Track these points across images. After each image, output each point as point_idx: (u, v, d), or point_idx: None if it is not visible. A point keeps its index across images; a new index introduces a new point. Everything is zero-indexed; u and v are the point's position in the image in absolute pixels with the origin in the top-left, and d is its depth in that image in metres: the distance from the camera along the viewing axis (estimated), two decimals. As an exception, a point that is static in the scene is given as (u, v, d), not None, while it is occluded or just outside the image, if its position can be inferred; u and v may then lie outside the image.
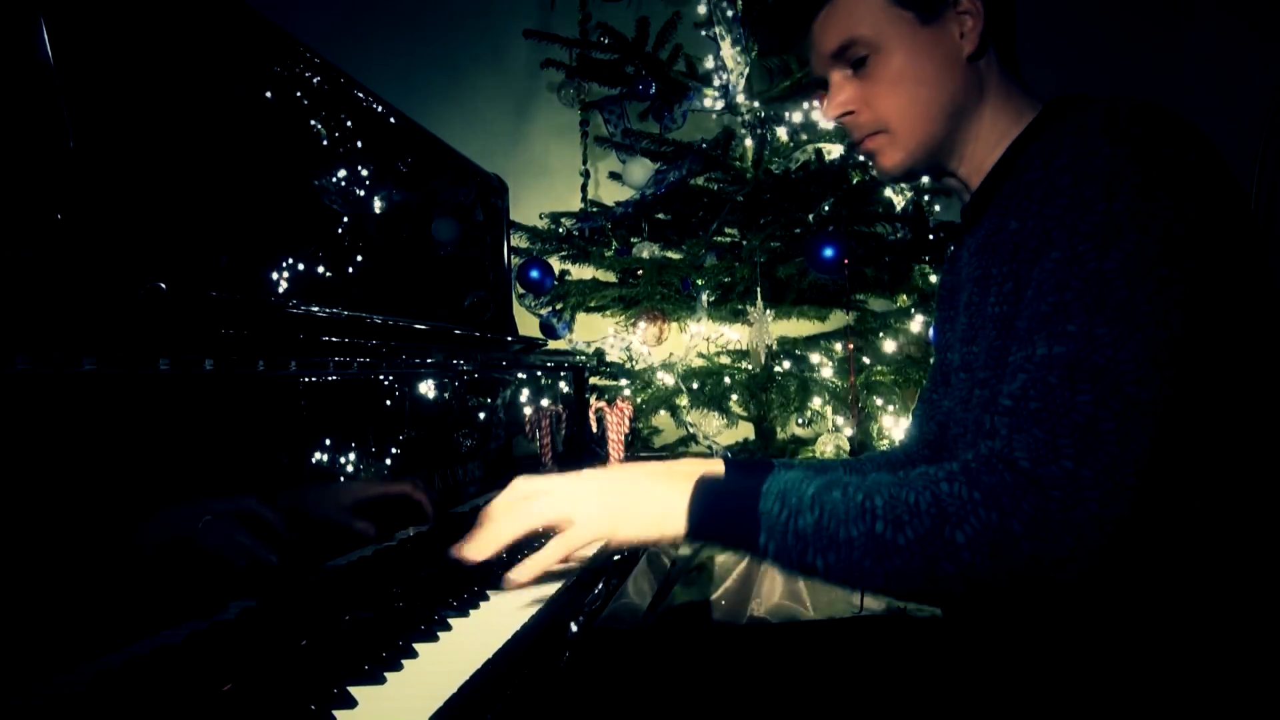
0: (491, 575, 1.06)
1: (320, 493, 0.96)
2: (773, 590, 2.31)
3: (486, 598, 0.99)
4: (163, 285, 0.72)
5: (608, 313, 2.67)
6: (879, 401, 2.36)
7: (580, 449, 1.91)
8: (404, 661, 0.78)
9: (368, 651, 0.78)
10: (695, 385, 2.40)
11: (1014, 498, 0.76)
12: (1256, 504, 0.86)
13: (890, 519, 0.79)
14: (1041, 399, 0.78)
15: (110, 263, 0.80)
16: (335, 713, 0.68)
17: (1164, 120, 0.83)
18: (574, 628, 1.00)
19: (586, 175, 3.00)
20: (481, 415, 1.43)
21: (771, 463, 1.27)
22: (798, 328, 2.75)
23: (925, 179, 1.25)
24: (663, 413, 2.51)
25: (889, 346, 2.50)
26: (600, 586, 1.17)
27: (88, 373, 0.67)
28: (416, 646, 0.81)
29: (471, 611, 0.94)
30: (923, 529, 0.77)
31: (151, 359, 0.73)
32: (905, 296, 2.54)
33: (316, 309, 1.10)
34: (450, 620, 0.90)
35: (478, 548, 0.94)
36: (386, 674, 0.75)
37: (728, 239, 2.61)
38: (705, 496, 0.90)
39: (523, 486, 0.97)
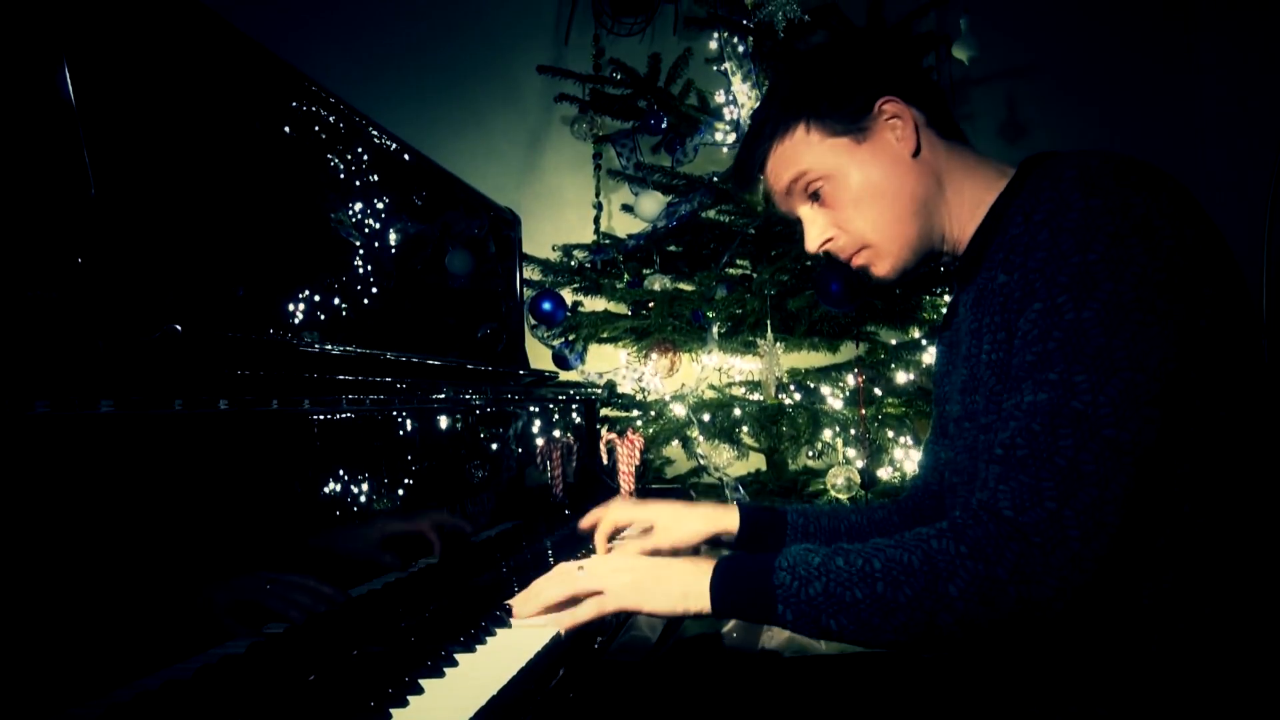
0: (498, 611, 1.07)
1: (332, 528, 0.98)
2: (784, 623, 2.30)
3: (494, 633, 1.00)
4: (178, 327, 0.74)
5: (620, 344, 2.68)
6: (890, 433, 2.36)
7: (591, 480, 1.92)
8: (410, 698, 0.79)
9: (375, 688, 0.79)
10: (706, 417, 2.41)
11: (998, 547, 0.81)
12: (1250, 527, 0.88)
13: (889, 580, 0.84)
14: (1028, 445, 0.83)
15: (129, 304, 0.82)
16: (341, 750, 0.69)
17: (1134, 170, 0.87)
18: (582, 662, 1.01)
19: (599, 208, 3.03)
20: (493, 448, 1.44)
21: (783, 510, 1.29)
22: (808, 359, 2.75)
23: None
24: (674, 444, 2.51)
25: (900, 378, 2.51)
26: (610, 619, 1.17)
27: (105, 414, 0.68)
28: (423, 683, 0.82)
29: (478, 647, 0.95)
30: (919, 585, 0.83)
31: (167, 400, 0.75)
32: (915, 328, 2.54)
33: (330, 347, 1.12)
34: (457, 656, 0.91)
35: (523, 605, 1.04)
36: (393, 710, 0.76)
37: (738, 271, 2.62)
38: (726, 576, 0.95)
39: (566, 565, 1.05)
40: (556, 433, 1.73)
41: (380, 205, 1.37)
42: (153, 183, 0.89)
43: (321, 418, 0.97)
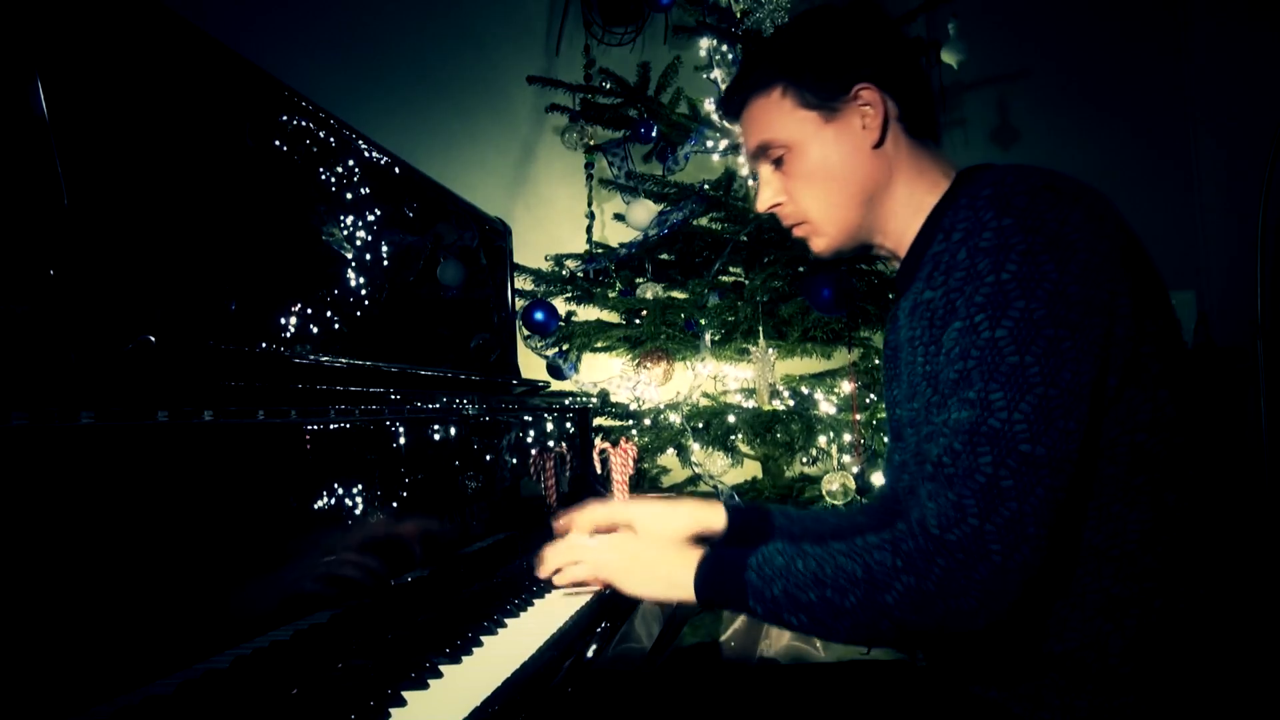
0: (486, 621, 1.07)
1: (322, 540, 0.97)
2: (782, 631, 2.29)
3: (480, 643, 1.00)
4: (152, 338, 0.74)
5: (613, 353, 2.68)
6: (884, 439, 2.36)
7: (585, 490, 1.92)
8: (392, 710, 0.78)
9: (356, 702, 0.78)
10: (700, 425, 2.40)
11: (927, 562, 0.86)
12: (1175, 525, 0.92)
13: (836, 587, 0.91)
14: (953, 464, 0.87)
15: (104, 316, 0.81)
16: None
17: (1048, 186, 0.90)
18: (572, 673, 1.00)
19: (591, 217, 3.03)
20: (486, 459, 1.44)
21: (768, 510, 1.31)
22: (802, 366, 2.75)
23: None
24: (670, 452, 2.51)
25: (894, 384, 2.50)
26: (603, 626, 1.17)
27: (85, 426, 0.68)
28: (406, 695, 0.82)
29: (464, 659, 0.94)
30: (861, 594, 0.89)
31: (149, 411, 0.74)
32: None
33: (322, 358, 1.11)
34: (442, 667, 0.90)
35: (542, 569, 1.20)
36: (376, 724, 0.76)
37: (731, 278, 2.62)
38: (706, 570, 1.03)
39: (574, 540, 1.20)
40: (550, 443, 1.72)
41: (371, 218, 1.37)
42: (132, 196, 0.89)
43: (313, 428, 0.96)
